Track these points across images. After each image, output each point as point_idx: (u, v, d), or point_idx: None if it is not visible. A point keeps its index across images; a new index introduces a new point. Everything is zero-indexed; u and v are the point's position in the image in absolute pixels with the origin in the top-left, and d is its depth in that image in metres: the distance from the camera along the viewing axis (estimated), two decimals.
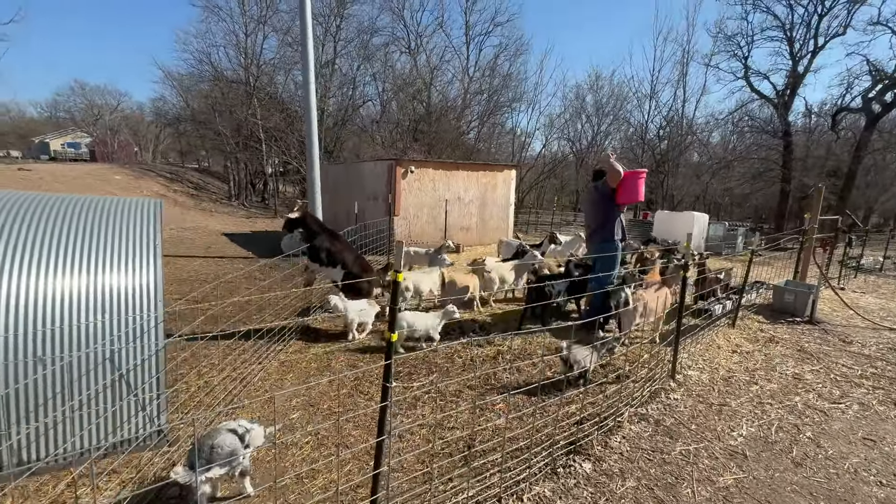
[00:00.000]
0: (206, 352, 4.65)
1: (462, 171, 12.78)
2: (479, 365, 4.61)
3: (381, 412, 2.05)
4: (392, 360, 2.01)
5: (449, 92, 32.82)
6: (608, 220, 5.54)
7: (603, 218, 5.57)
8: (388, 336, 1.99)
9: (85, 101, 54.88)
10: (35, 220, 2.94)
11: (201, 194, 21.84)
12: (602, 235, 5.61)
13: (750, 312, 6.63)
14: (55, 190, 13.42)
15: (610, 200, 5.46)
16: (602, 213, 5.58)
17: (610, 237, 5.54)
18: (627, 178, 5.32)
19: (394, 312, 1.96)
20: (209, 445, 2.27)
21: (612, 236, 5.56)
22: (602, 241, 5.59)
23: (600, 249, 5.60)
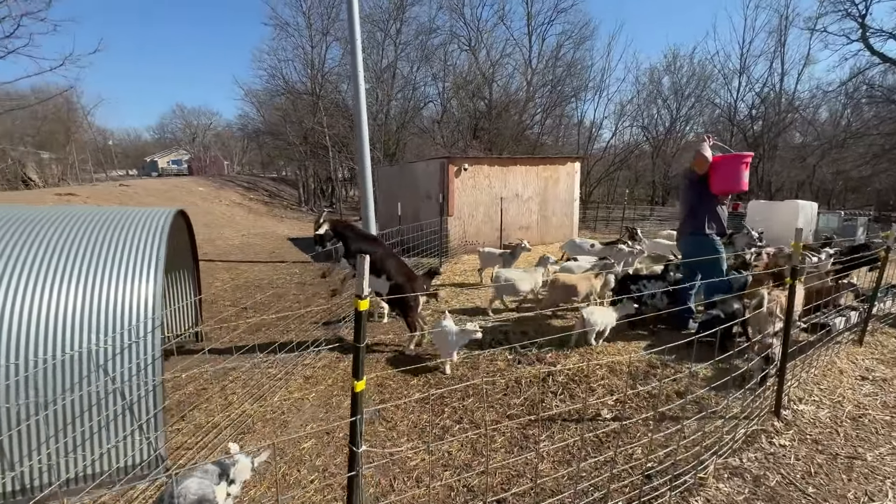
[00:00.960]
0: (237, 363, 4.50)
1: (520, 167, 11.99)
2: (524, 388, 3.95)
3: (349, 488, 1.53)
4: (360, 416, 1.49)
5: (510, 86, 31.86)
6: (696, 210, 4.81)
7: (689, 207, 4.90)
8: (354, 386, 1.48)
9: (184, 122, 61.75)
10: (38, 234, 2.85)
11: (274, 201, 23.18)
12: (689, 227, 4.89)
13: (884, 325, 5.21)
14: (146, 202, 14.90)
15: (698, 188, 4.74)
16: (688, 202, 4.93)
17: (699, 229, 4.77)
18: (724, 164, 4.54)
19: (358, 352, 1.43)
20: (169, 494, 1.92)
21: (702, 228, 4.75)
22: (689, 233, 4.88)
23: (688, 243, 4.92)
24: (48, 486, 2.45)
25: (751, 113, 30.18)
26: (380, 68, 27.43)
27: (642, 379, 4.05)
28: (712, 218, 4.73)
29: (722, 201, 4.83)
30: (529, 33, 31.94)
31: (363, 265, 1.40)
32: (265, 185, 26.41)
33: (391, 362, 4.57)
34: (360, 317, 1.42)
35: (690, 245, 4.89)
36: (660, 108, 32.10)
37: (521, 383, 4.04)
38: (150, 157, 58.15)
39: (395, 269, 4.91)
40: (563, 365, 4.36)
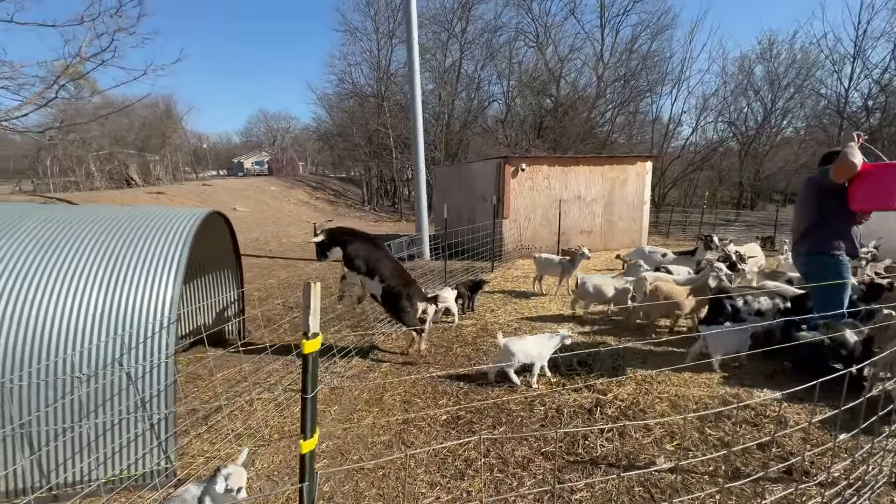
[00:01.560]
0: (271, 367, 4.47)
1: (583, 167, 11.19)
2: (566, 420, 3.46)
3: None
4: (311, 483, 1.18)
5: (578, 82, 30.39)
6: (822, 225, 3.87)
7: (813, 221, 3.93)
8: (302, 446, 1.17)
9: (266, 126, 66.74)
10: (74, 235, 2.91)
11: (339, 201, 24.06)
12: (810, 244, 3.96)
13: None
14: (221, 200, 16.10)
15: (832, 199, 3.78)
16: (813, 215, 3.93)
17: (824, 248, 3.85)
18: (876, 174, 3.57)
19: (306, 404, 1.13)
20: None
21: (828, 248, 3.83)
22: (810, 252, 3.96)
23: (807, 264, 4.01)
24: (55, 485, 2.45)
25: (866, 104, 26.08)
26: (443, 68, 27.44)
27: (713, 421, 3.38)
28: (843, 236, 3.79)
29: (861, 218, 3.85)
30: (602, 25, 30.28)
31: (310, 294, 1.11)
32: (332, 184, 27.57)
33: (422, 375, 4.28)
34: (307, 362, 1.12)
35: (810, 266, 4.01)
36: (751, 101, 28.85)
37: (563, 413, 3.55)
38: (237, 159, 63.48)
39: (389, 273, 4.66)
40: (614, 394, 3.79)
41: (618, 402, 3.70)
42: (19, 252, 2.72)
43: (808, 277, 4.06)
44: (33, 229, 2.88)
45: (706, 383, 3.97)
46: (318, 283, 1.16)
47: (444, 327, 5.63)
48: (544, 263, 7.13)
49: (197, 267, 4.94)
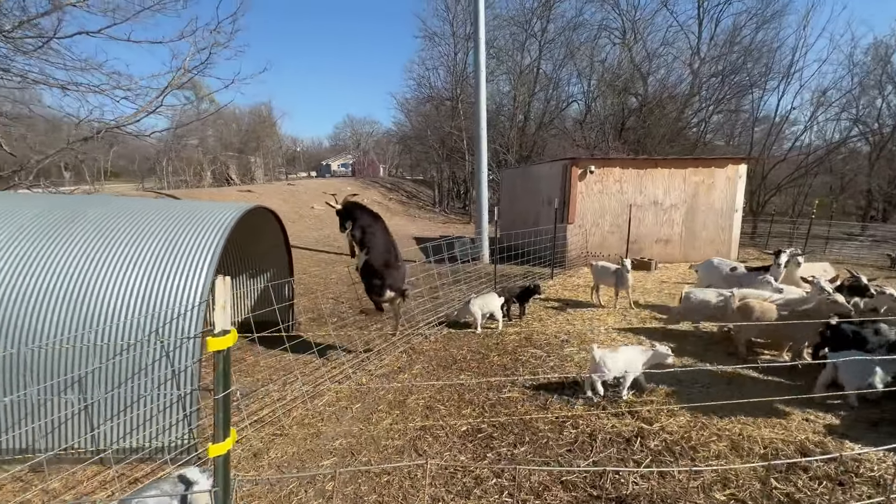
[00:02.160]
0: (310, 359, 4.61)
1: (661, 170, 10.22)
2: (598, 447, 3.10)
3: None
4: (221, 490, 1.11)
5: (668, 79, 28.01)
6: None
7: None
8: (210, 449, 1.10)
9: (352, 130, 70.89)
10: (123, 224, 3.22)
11: (411, 202, 24.70)
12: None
13: None
14: (302, 198, 17.32)
15: None
16: None
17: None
18: None
19: (219, 408, 1.06)
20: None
21: None
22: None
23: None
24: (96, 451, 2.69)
25: None
26: (520, 69, 26.94)
27: (783, 472, 2.81)
28: None
29: None
30: (699, 16, 27.60)
31: (220, 290, 1.03)
32: (406, 186, 28.41)
33: (451, 381, 4.13)
34: (217, 360, 1.05)
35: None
36: (886, 95, 24.38)
37: (597, 439, 3.18)
38: (325, 161, 68.08)
39: (377, 252, 4.64)
40: (661, 424, 3.33)
41: (664, 434, 3.24)
42: (82, 237, 3.06)
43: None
44: (97, 218, 3.23)
45: (782, 424, 3.33)
46: (228, 279, 1.09)
47: (486, 333, 5.42)
48: (600, 272, 6.57)
49: (251, 259, 5.27)
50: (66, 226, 3.14)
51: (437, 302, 6.51)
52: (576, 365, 4.45)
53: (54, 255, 2.94)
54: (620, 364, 3.68)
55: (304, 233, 14.22)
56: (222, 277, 1.07)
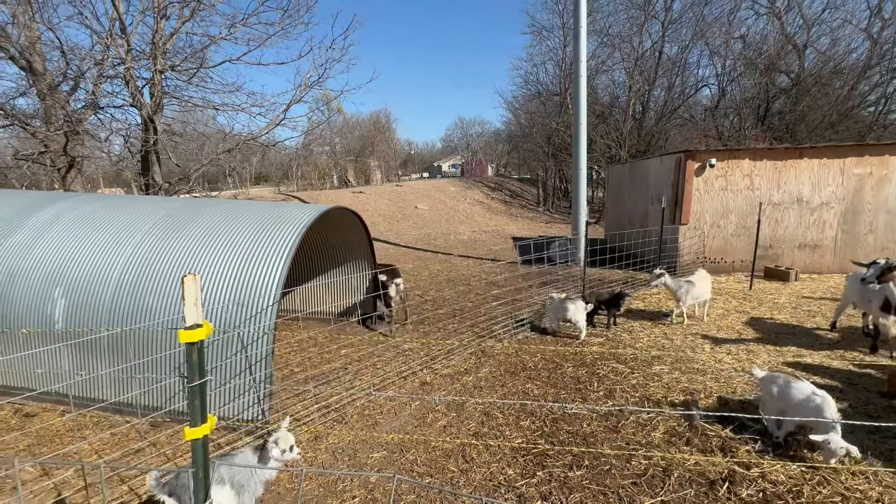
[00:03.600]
0: (386, 354, 4.83)
1: (808, 160, 8.44)
2: (674, 486, 2.67)
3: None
4: (200, 471, 1.20)
5: (835, 51, 22.97)
6: None
7: None
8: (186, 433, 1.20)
9: (462, 131, 72.63)
10: (225, 223, 3.72)
11: (514, 201, 24.34)
12: None
13: None
14: (407, 198, 18.28)
15: None
16: None
17: None
18: None
19: (195, 395, 1.15)
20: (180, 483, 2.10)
21: None
22: None
23: None
24: None
25: None
26: (637, 55, 24.67)
27: None
28: None
29: None
30: None
31: (189, 287, 1.10)
32: (510, 185, 28.09)
33: (515, 388, 3.94)
34: (189, 352, 1.12)
35: None
36: None
37: (671, 476, 2.74)
38: (437, 163, 70.90)
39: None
40: (761, 470, 2.74)
41: (764, 483, 2.66)
42: (195, 233, 3.63)
43: None
44: (209, 217, 3.80)
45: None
46: (197, 276, 1.16)
47: (565, 342, 5.08)
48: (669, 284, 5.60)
49: (335, 256, 5.71)
50: (185, 223, 3.77)
51: (517, 305, 6.31)
52: (664, 386, 3.91)
53: (172, 247, 3.54)
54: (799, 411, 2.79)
55: (407, 231, 14.99)
56: (193, 276, 1.16)
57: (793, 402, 2.87)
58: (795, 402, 2.86)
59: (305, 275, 5.96)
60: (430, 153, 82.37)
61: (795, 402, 2.86)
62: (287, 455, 2.28)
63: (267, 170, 34.05)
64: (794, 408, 2.85)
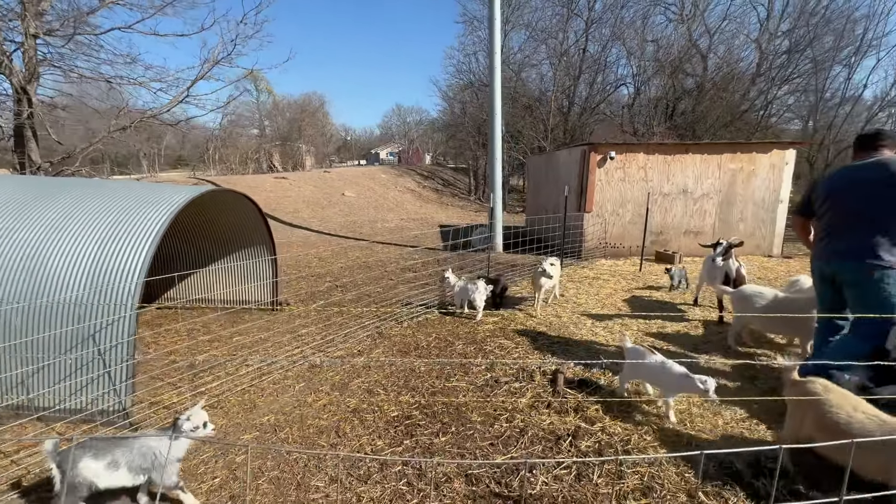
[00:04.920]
0: (278, 339, 4.77)
1: (692, 156, 9.43)
2: (525, 443, 2.95)
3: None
4: None
5: (732, 58, 25.62)
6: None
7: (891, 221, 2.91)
8: None
9: (400, 119, 71.73)
10: (83, 205, 3.46)
11: (447, 189, 24.67)
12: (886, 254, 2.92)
13: None
14: (334, 185, 17.87)
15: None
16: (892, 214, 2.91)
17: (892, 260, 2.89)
18: None
19: None
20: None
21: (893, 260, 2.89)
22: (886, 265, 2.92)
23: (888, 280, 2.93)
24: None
25: None
26: (560, 51, 25.82)
27: (716, 487, 2.53)
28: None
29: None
30: None
31: None
32: (443, 174, 28.41)
33: (403, 366, 4.10)
34: None
35: (889, 280, 2.88)
36: None
37: (526, 435, 3.03)
38: (375, 150, 69.53)
39: None
40: (602, 425, 3.10)
41: (603, 435, 3.03)
42: (44, 215, 3.34)
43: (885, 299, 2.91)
44: (66, 199, 3.51)
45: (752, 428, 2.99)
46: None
47: (461, 322, 5.32)
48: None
49: (233, 242, 5.51)
50: (32, 204, 3.44)
51: (427, 288, 6.48)
52: (540, 358, 4.26)
53: (16, 231, 3.23)
54: (643, 375, 3.34)
55: (332, 218, 14.68)
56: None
57: (646, 367, 3.28)
58: (648, 367, 3.27)
59: (200, 260, 5.68)
60: (369, 140, 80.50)
61: (648, 368, 3.27)
62: (200, 431, 2.30)
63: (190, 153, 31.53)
64: (647, 372, 3.30)
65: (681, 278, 6.50)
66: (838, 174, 3.19)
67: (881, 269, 2.85)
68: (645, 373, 3.34)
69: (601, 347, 4.54)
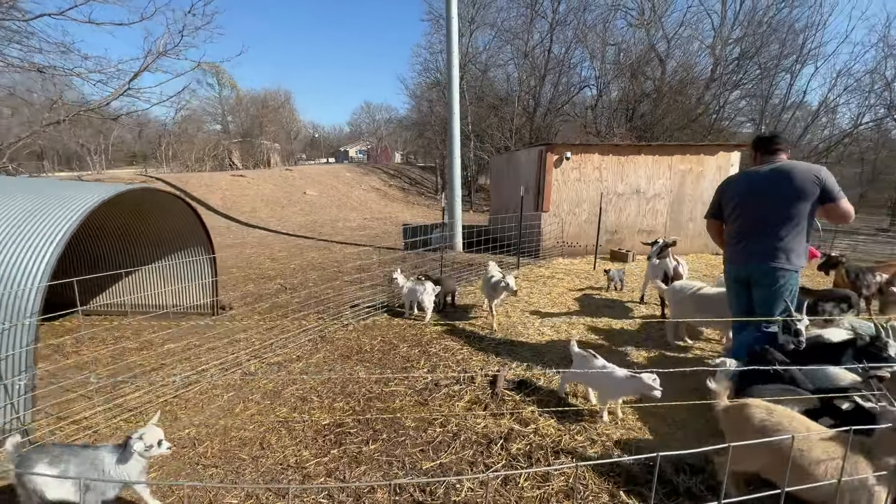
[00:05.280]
0: (215, 344, 4.55)
1: (645, 157, 9.69)
2: (456, 449, 2.90)
3: None
4: None
5: (690, 63, 26.64)
6: (804, 236, 3.11)
7: (797, 227, 3.07)
8: None
9: (370, 116, 70.83)
10: None
11: (413, 188, 24.50)
12: (791, 255, 3.10)
13: None
14: (296, 184, 17.39)
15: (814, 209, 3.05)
16: (799, 220, 3.06)
17: (800, 263, 3.10)
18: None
19: None
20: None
21: (801, 262, 3.11)
22: (793, 267, 3.11)
23: (789, 279, 3.12)
24: None
25: None
26: (523, 51, 26.13)
27: (632, 486, 2.56)
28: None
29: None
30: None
31: None
32: (410, 172, 28.21)
33: (347, 371, 3.98)
34: None
35: (792, 282, 3.12)
36: None
37: (458, 440, 2.99)
38: (344, 148, 68.36)
39: None
40: (535, 427, 3.10)
41: (535, 437, 3.02)
42: None
43: (782, 296, 3.13)
44: None
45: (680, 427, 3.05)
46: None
47: (409, 324, 5.24)
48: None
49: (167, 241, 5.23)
50: None
51: (380, 289, 6.37)
52: (484, 359, 4.24)
53: None
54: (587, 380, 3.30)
55: (291, 217, 14.27)
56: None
57: (590, 372, 3.19)
58: (591, 372, 3.19)
59: (133, 263, 5.35)
60: (338, 138, 79.03)
61: (591, 373, 3.19)
62: (155, 450, 2.17)
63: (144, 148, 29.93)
64: (590, 377, 3.24)
65: (618, 278, 6.64)
66: (744, 179, 3.31)
67: (786, 272, 3.02)
68: (588, 378, 3.29)
69: (546, 348, 4.56)
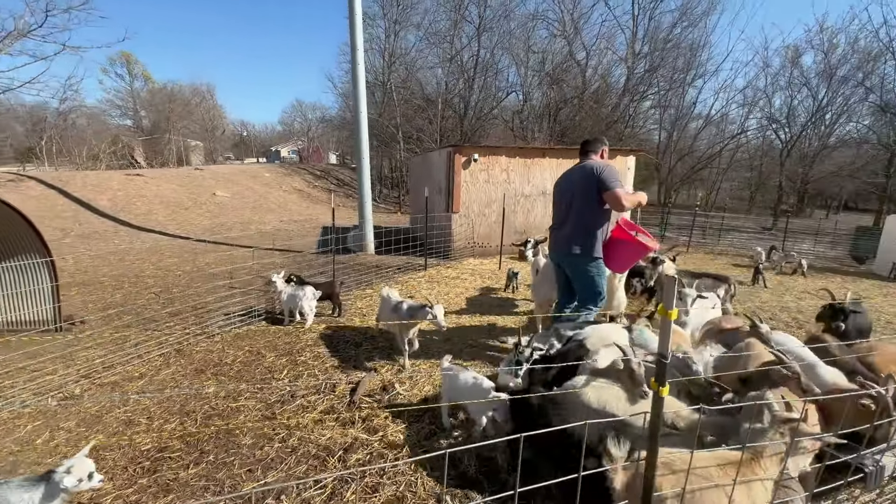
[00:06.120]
0: (45, 364, 3.99)
1: (549, 160, 10.09)
2: (287, 464, 2.70)
3: None
4: None
5: (608, 74, 28.47)
6: (602, 230, 3.61)
7: (596, 221, 3.57)
8: None
9: (301, 115, 68.16)
10: None
11: (341, 190, 23.81)
12: (592, 248, 3.56)
13: None
14: (203, 185, 16.14)
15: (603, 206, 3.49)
16: (596, 216, 3.55)
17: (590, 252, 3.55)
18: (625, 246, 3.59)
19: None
20: None
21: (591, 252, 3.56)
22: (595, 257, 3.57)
23: (597, 268, 3.59)
24: None
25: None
26: (449, 55, 26.49)
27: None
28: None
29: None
30: (634, 14, 28.10)
31: None
32: (339, 173, 27.41)
33: (200, 387, 3.63)
34: None
35: (590, 268, 3.63)
36: (796, 95, 25.86)
37: (296, 453, 2.80)
38: (275, 147, 65.22)
39: None
40: (384, 433, 2.98)
41: (379, 445, 2.90)
42: None
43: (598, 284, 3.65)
44: None
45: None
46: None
47: (288, 331, 4.96)
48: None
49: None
50: None
51: (267, 296, 5.99)
52: (353, 366, 4.07)
53: None
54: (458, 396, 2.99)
55: (195, 220, 13.21)
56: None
57: (459, 385, 2.97)
58: (461, 385, 2.96)
59: None
60: (270, 137, 75.19)
61: (461, 386, 2.96)
62: (85, 484, 2.01)
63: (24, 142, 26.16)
64: (461, 390, 2.97)
65: (512, 278, 6.77)
66: (561, 177, 3.74)
67: (578, 259, 3.49)
68: (459, 393, 3.00)
69: (423, 350, 4.49)
